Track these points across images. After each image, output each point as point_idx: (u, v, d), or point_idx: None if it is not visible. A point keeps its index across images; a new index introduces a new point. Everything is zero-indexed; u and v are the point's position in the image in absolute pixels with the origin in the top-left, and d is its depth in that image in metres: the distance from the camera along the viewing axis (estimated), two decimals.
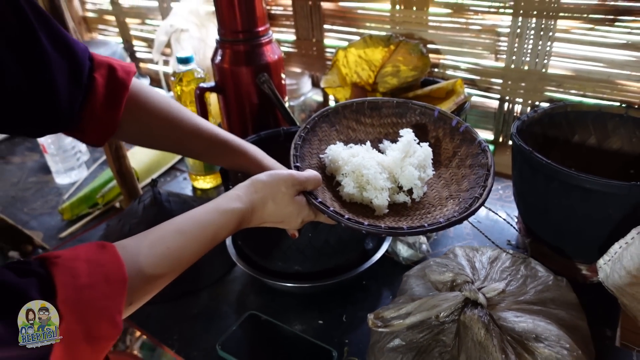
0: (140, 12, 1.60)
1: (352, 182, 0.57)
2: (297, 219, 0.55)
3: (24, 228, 0.97)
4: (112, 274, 0.38)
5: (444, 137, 0.65)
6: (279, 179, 0.53)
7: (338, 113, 0.66)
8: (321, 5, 1.09)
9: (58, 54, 0.50)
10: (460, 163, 0.61)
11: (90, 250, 0.39)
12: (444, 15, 0.93)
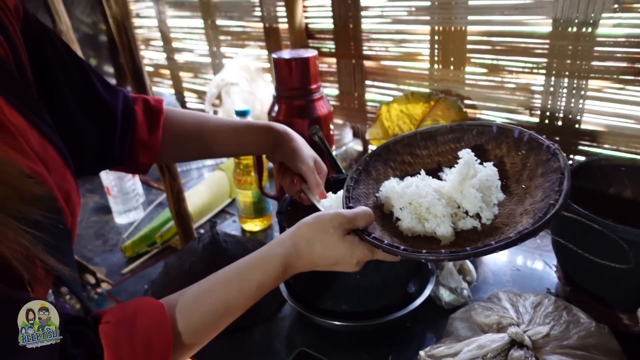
0: (194, 67, 1.75)
1: (409, 215, 0.56)
2: (351, 259, 0.53)
3: (89, 264, 1.06)
4: (158, 340, 0.42)
5: (509, 151, 0.61)
6: (325, 219, 0.52)
7: (390, 150, 0.66)
8: (364, 63, 1.18)
9: (111, 97, 0.60)
10: (532, 174, 0.57)
11: (139, 313, 0.43)
12: (480, 74, 1.00)
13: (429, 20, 1.01)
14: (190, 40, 1.70)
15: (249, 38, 1.46)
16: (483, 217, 0.56)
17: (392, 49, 1.11)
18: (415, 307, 0.73)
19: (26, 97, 0.49)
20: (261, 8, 1.35)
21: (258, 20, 1.39)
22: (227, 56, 1.56)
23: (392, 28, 1.09)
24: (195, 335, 0.46)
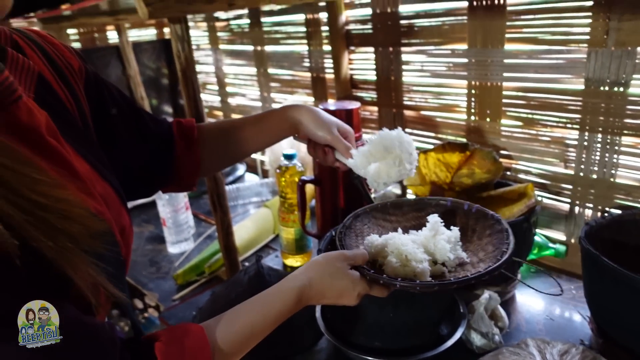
0: (245, 110, 1.88)
1: (394, 259, 0.66)
2: (353, 292, 0.62)
3: (143, 289, 1.15)
4: (201, 355, 0.50)
5: (461, 219, 0.76)
6: (332, 257, 0.63)
7: (367, 213, 0.80)
8: (404, 112, 1.25)
9: (156, 128, 0.71)
10: (481, 235, 0.72)
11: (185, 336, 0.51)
12: (515, 126, 1.04)
13: (466, 75, 1.07)
14: (243, 85, 1.84)
15: (298, 86, 1.57)
16: (448, 265, 0.68)
17: (431, 100, 1.18)
18: (446, 349, 0.76)
19: (89, 144, 0.58)
20: (310, 59, 1.47)
21: (306, 70, 1.50)
22: (277, 101, 1.68)
23: (431, 81, 1.16)
24: (229, 354, 0.54)
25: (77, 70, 0.62)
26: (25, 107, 0.47)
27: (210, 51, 1.92)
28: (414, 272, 0.64)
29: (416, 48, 1.16)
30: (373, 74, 1.28)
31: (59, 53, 0.60)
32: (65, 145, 0.52)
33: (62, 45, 0.62)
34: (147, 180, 0.72)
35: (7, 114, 0.45)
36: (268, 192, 1.60)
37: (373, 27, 1.23)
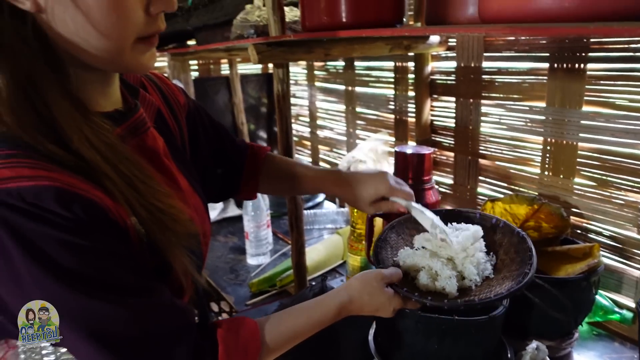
0: (331, 142, 2.02)
1: (425, 275, 0.73)
2: (389, 307, 0.70)
3: (222, 291, 1.30)
4: (251, 345, 0.61)
5: (488, 233, 0.80)
6: (370, 276, 0.70)
7: (401, 224, 0.87)
8: (479, 161, 1.30)
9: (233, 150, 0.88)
10: (507, 251, 0.78)
11: (241, 327, 0.62)
12: (588, 186, 1.05)
13: (542, 132, 1.11)
14: (332, 120, 1.99)
15: (381, 125, 1.68)
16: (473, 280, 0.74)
17: (506, 152, 1.22)
18: None
19: (187, 163, 0.75)
20: (395, 103, 1.57)
21: (391, 112, 1.61)
22: (360, 137, 1.80)
23: (508, 134, 1.20)
24: (274, 349, 0.64)
25: (182, 104, 0.80)
26: (151, 135, 0.63)
27: (306, 87, 2.11)
28: (443, 288, 0.71)
29: (495, 102, 1.21)
30: (452, 122, 1.35)
31: (170, 91, 0.78)
32: (172, 164, 0.67)
33: (173, 85, 0.81)
34: (215, 192, 0.89)
35: (139, 140, 0.61)
36: (342, 220, 1.71)
37: (456, 79, 1.31)
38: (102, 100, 0.59)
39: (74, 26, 0.49)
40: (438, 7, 0.90)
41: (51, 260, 0.46)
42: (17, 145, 0.47)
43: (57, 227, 0.46)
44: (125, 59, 0.53)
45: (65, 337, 0.50)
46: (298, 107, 2.23)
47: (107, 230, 0.50)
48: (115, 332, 0.50)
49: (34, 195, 0.45)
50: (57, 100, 0.49)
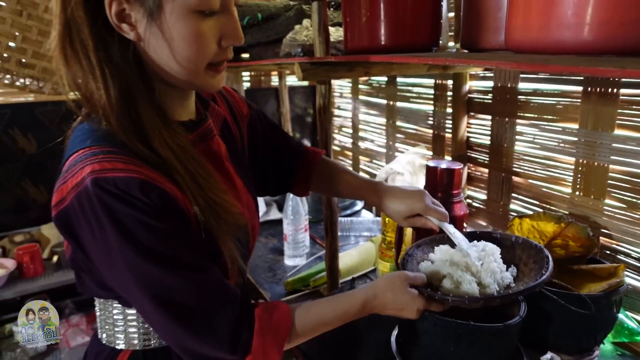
0: (371, 154, 2.09)
1: (448, 281, 0.78)
2: (412, 306, 0.73)
3: (260, 288, 1.40)
4: (281, 329, 0.69)
5: (509, 249, 0.87)
6: (395, 276, 0.75)
7: (427, 244, 0.92)
8: (512, 178, 1.33)
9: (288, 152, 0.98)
10: (526, 262, 0.84)
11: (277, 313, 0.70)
12: (618, 207, 1.06)
13: (574, 152, 1.13)
14: (373, 132, 2.06)
15: (420, 140, 1.73)
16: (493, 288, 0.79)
17: (538, 170, 1.25)
18: None
19: (244, 166, 0.85)
20: (433, 118, 1.62)
21: (429, 127, 1.66)
22: (399, 150, 1.86)
23: (541, 153, 1.23)
24: (302, 333, 0.72)
25: (245, 114, 0.91)
26: (216, 141, 0.74)
27: (350, 99, 2.20)
28: (465, 292, 0.76)
29: (530, 121, 1.25)
30: (488, 139, 1.39)
31: (235, 103, 0.89)
32: (231, 166, 0.78)
33: (239, 97, 0.92)
34: (272, 187, 1.01)
35: (206, 145, 0.72)
36: (377, 229, 1.77)
37: (493, 98, 1.35)
38: (179, 111, 0.71)
39: (162, 53, 0.62)
40: (472, 33, 0.96)
41: (132, 235, 0.58)
42: (116, 143, 0.60)
43: (139, 210, 0.57)
44: (198, 81, 0.66)
45: (136, 298, 0.61)
46: (342, 119, 2.32)
47: (176, 216, 0.61)
48: (173, 298, 0.61)
49: (124, 184, 0.57)
50: (146, 109, 0.62)
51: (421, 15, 0.96)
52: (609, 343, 1.05)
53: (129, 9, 0.59)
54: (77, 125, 0.67)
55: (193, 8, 0.59)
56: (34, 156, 1.93)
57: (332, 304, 0.75)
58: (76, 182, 0.57)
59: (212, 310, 0.63)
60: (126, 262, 0.58)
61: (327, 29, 1.10)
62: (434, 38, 1.00)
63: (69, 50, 0.60)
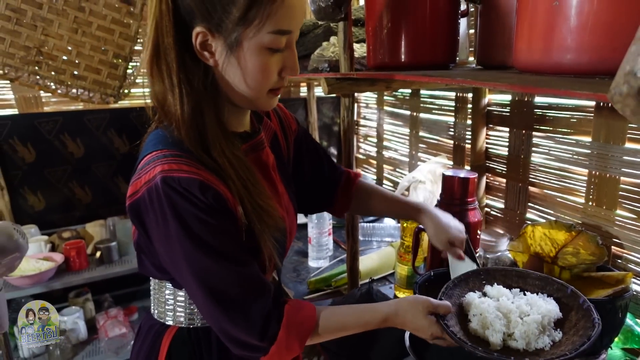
0: (395, 162, 2.16)
1: (477, 320, 0.77)
2: (427, 331, 0.76)
3: (285, 287, 1.48)
4: (306, 326, 0.76)
5: (571, 310, 0.80)
6: (419, 301, 0.78)
7: (489, 274, 0.91)
8: (528, 188, 1.38)
9: (329, 171, 1.05)
10: (576, 332, 0.75)
11: (304, 312, 0.76)
12: (630, 218, 1.10)
13: (587, 164, 1.17)
14: (397, 142, 2.13)
15: (441, 150, 1.79)
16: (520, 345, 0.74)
17: (553, 181, 1.29)
18: None
19: (288, 176, 0.94)
20: (454, 129, 1.68)
21: (450, 137, 1.72)
22: (421, 159, 1.92)
23: (556, 165, 1.27)
24: (323, 334, 0.79)
25: (293, 130, 1.01)
26: (266, 152, 0.84)
27: (375, 110, 2.27)
28: (488, 338, 0.75)
29: (546, 134, 1.29)
30: (505, 150, 1.44)
31: (286, 119, 1.00)
32: (277, 175, 0.87)
33: (290, 114, 1.03)
34: (312, 204, 1.08)
35: (257, 155, 0.83)
36: (398, 235, 1.82)
37: (510, 111, 1.40)
38: (236, 124, 0.81)
39: (235, 79, 0.72)
40: (486, 50, 1.03)
41: (189, 227, 0.67)
42: (183, 149, 0.70)
43: (196, 207, 0.67)
44: (259, 102, 0.76)
45: (187, 281, 0.71)
46: (367, 128, 2.40)
47: (226, 214, 0.71)
48: (217, 285, 0.70)
49: (186, 183, 0.66)
50: (211, 124, 0.72)
51: (438, 35, 1.03)
52: (618, 349, 1.08)
53: (212, 41, 0.69)
54: (152, 130, 0.78)
55: (265, 46, 0.69)
56: (81, 160, 2.09)
57: (356, 313, 0.81)
58: (148, 178, 0.68)
59: (248, 300, 0.72)
60: (182, 249, 0.68)
61: (352, 46, 1.18)
62: (450, 55, 1.07)
63: (156, 69, 0.71)
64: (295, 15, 0.71)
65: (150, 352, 0.84)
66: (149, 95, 0.75)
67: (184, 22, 0.69)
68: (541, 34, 0.72)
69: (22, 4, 1.53)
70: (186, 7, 0.68)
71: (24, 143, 1.96)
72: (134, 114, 2.10)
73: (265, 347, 0.73)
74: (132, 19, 1.65)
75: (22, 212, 2.00)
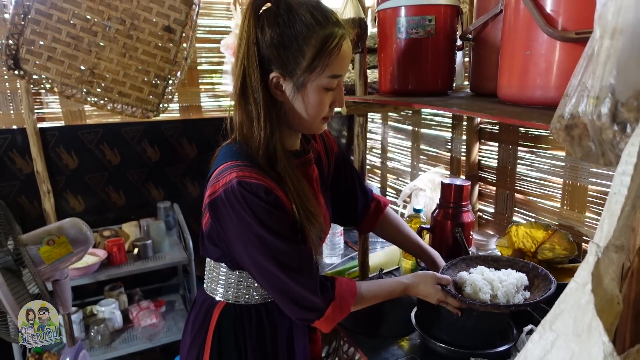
0: (397, 172, 2.37)
1: (470, 288, 1.02)
2: (434, 297, 1.02)
3: None
4: (352, 291, 0.96)
5: (535, 278, 1.07)
6: (428, 274, 1.04)
7: (472, 259, 1.15)
8: (515, 195, 1.58)
9: (361, 193, 1.23)
10: (539, 290, 1.02)
11: (348, 281, 0.97)
12: (596, 219, 1.31)
13: (562, 175, 1.38)
14: (399, 154, 2.34)
15: (439, 161, 2.00)
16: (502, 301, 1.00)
17: (535, 189, 1.50)
18: (496, 352, 1.08)
19: (327, 189, 1.14)
20: (451, 144, 1.89)
21: (447, 151, 1.93)
22: (422, 170, 2.13)
23: (537, 175, 1.48)
24: (362, 300, 0.99)
25: (334, 152, 1.21)
26: (312, 168, 1.04)
27: (380, 124, 2.49)
28: (478, 298, 1.00)
29: (529, 149, 1.50)
30: (495, 162, 1.65)
31: (329, 142, 1.20)
32: (318, 188, 1.08)
33: (333, 138, 1.22)
34: (341, 219, 1.28)
35: (305, 169, 1.02)
36: None
37: (499, 129, 1.61)
38: (290, 143, 1.00)
39: (299, 111, 0.91)
40: (477, 80, 1.24)
41: (259, 218, 0.86)
42: (252, 162, 0.89)
43: (263, 203, 0.86)
44: (314, 128, 0.96)
45: (256, 262, 0.89)
46: (373, 141, 2.61)
47: (285, 212, 0.89)
48: (284, 258, 0.88)
49: (256, 187, 0.85)
50: (278, 145, 0.91)
51: (438, 68, 1.25)
52: None
53: (283, 82, 0.89)
54: (222, 147, 0.97)
55: (323, 86, 0.89)
56: (117, 167, 2.29)
57: (385, 283, 1.04)
58: (226, 181, 0.86)
59: (307, 268, 0.90)
60: (256, 235, 0.86)
61: (366, 74, 1.40)
62: (449, 83, 1.29)
63: (242, 102, 0.90)
64: (345, 64, 0.91)
65: (204, 320, 1.04)
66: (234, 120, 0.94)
67: (263, 67, 0.88)
68: (517, 74, 0.93)
69: (81, 32, 1.75)
70: (266, 56, 0.88)
71: (68, 151, 2.17)
72: (164, 127, 2.32)
73: (324, 306, 0.91)
74: (172, 44, 1.87)
75: (65, 213, 2.20)
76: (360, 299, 0.98)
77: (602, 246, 0.48)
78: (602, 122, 0.50)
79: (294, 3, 0.88)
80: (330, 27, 0.87)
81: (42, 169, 2.06)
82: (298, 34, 0.86)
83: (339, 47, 0.88)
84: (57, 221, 1.39)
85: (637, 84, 0.47)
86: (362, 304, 1.00)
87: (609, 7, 0.49)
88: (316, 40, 0.86)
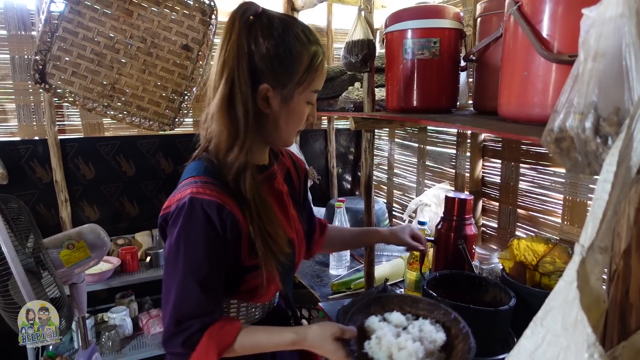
0: (403, 187, 2.42)
1: (375, 340, 0.86)
2: (334, 355, 0.83)
3: (311, 289, 1.72)
4: (228, 338, 0.84)
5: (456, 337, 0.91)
6: (327, 327, 0.84)
7: (389, 299, 1.02)
8: (517, 210, 1.63)
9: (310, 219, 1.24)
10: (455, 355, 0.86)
11: (228, 323, 0.85)
12: None
13: (562, 191, 1.42)
14: (405, 170, 2.39)
15: (444, 177, 2.05)
16: None
17: (537, 204, 1.54)
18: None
19: (299, 203, 1.15)
20: (456, 160, 1.94)
21: (452, 167, 1.98)
22: (427, 185, 2.18)
23: (538, 191, 1.53)
24: (239, 349, 0.87)
25: (303, 169, 1.22)
26: (279, 181, 1.04)
27: (387, 141, 2.55)
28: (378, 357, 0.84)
29: (530, 166, 1.55)
30: (498, 178, 1.70)
31: (298, 161, 1.22)
32: (290, 202, 1.08)
33: (299, 159, 1.24)
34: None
35: (270, 184, 1.01)
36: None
37: (502, 146, 1.66)
38: (258, 157, 0.97)
39: (281, 123, 0.92)
40: (480, 98, 1.30)
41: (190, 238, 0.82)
42: (214, 177, 0.86)
43: (207, 225, 0.82)
44: (287, 141, 0.97)
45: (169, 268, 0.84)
46: (379, 158, 2.67)
47: (235, 230, 0.85)
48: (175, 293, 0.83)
49: (207, 204, 0.82)
50: (251, 161, 0.87)
51: (443, 87, 1.31)
52: None
53: (271, 93, 0.88)
54: (191, 160, 0.94)
55: (307, 100, 0.92)
56: (132, 178, 2.36)
57: (269, 335, 0.88)
58: (180, 197, 0.84)
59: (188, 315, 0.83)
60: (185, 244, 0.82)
61: (374, 91, 1.46)
62: (453, 102, 1.35)
63: (227, 111, 0.85)
64: (323, 80, 0.96)
65: None
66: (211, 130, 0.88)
67: (253, 78, 0.86)
68: (516, 93, 0.98)
69: (104, 49, 1.84)
70: (258, 67, 0.86)
71: (86, 162, 2.25)
72: (179, 140, 2.40)
73: (186, 352, 0.84)
74: (189, 61, 1.96)
75: (80, 222, 2.27)
76: (233, 351, 0.87)
77: (586, 246, 0.53)
78: (587, 135, 0.55)
79: (286, 18, 0.90)
80: (316, 46, 0.91)
81: (61, 179, 2.14)
82: (293, 48, 0.87)
83: (322, 64, 0.92)
84: None
85: (616, 101, 0.53)
86: (237, 353, 0.88)
87: (591, 33, 0.54)
88: (307, 57, 0.89)
